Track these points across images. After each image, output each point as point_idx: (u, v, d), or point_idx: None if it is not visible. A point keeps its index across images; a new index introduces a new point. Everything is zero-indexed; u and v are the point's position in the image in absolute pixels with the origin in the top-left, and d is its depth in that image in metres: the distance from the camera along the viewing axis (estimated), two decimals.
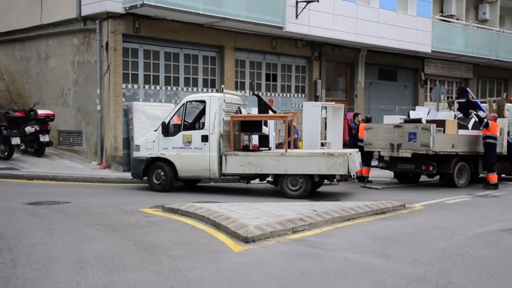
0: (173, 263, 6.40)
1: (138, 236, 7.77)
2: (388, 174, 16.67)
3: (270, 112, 13.82)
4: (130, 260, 6.49)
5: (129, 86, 16.38)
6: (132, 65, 16.43)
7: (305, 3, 18.14)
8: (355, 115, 17.12)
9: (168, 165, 12.88)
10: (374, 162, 16.03)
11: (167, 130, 12.88)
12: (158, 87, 16.94)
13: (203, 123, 12.91)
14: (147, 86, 16.73)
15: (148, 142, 13.14)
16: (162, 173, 12.92)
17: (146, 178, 13.21)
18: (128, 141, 15.94)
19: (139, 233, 7.96)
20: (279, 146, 15.11)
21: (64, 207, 10.09)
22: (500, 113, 16.58)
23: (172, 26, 16.60)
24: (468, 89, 19.95)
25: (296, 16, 18.24)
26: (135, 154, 13.45)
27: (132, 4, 15.15)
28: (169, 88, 17.17)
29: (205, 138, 12.63)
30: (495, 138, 14.85)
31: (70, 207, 10.05)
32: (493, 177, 14.74)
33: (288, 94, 20.32)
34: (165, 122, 12.92)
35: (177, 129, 12.95)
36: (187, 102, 13.19)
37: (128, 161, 15.21)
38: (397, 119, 16.12)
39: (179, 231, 8.15)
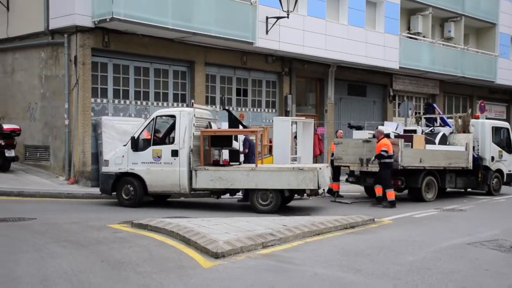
0: (141, 280, 6.31)
1: (106, 252, 7.63)
2: (358, 189, 16.83)
3: (241, 127, 13.83)
4: (96, 277, 6.37)
5: (98, 100, 16.19)
6: (101, 80, 16.26)
7: (275, 19, 18.31)
8: (336, 131, 17.27)
9: (138, 180, 12.74)
10: (343, 177, 16.18)
11: (137, 145, 12.77)
12: (127, 102, 16.79)
13: (173, 138, 12.84)
14: (116, 101, 16.57)
15: (117, 157, 12.99)
16: (131, 188, 12.77)
17: (115, 193, 13.03)
18: (96, 156, 15.71)
19: (106, 249, 7.82)
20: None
21: (30, 223, 9.86)
22: (466, 129, 16.98)
23: (142, 40, 16.53)
24: (435, 105, 20.39)
25: (266, 32, 18.39)
26: (104, 169, 13.27)
27: (101, 18, 15.04)
28: (139, 102, 17.04)
29: (175, 153, 12.55)
30: (383, 155, 13.77)
31: (35, 224, 9.82)
32: (391, 194, 13.82)
33: (258, 109, 20.39)
34: (134, 137, 12.80)
35: (147, 144, 12.84)
36: (157, 116, 13.10)
37: (97, 176, 14.98)
38: (366, 134, 16.32)
39: (148, 247, 8.05)
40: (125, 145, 13.03)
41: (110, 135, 15.42)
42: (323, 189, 13.54)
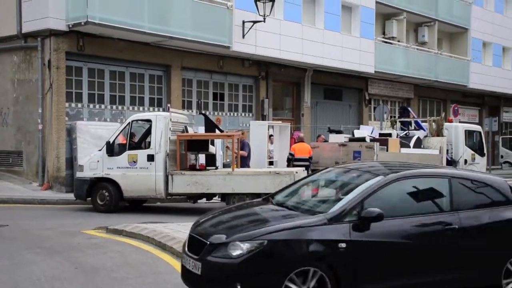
0: (116, 286, 6.24)
1: (80, 258, 7.53)
2: None
3: (217, 131, 13.81)
4: (70, 284, 6.28)
5: (73, 105, 15.99)
6: (76, 84, 16.07)
7: (252, 23, 18.35)
8: (318, 136, 17.28)
9: (113, 185, 12.60)
10: None
11: (112, 149, 12.64)
12: (103, 106, 16.62)
13: (149, 143, 12.75)
14: (91, 105, 16.39)
15: (92, 162, 12.84)
16: (106, 194, 12.62)
17: (90, 198, 12.87)
18: (71, 161, 15.51)
19: (81, 255, 7.71)
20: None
21: (1, 230, 9.67)
22: (440, 132, 17.23)
23: (117, 44, 16.38)
24: (409, 108, 20.67)
25: (243, 36, 18.41)
26: (79, 174, 13.10)
27: (76, 21, 14.86)
28: (114, 107, 16.88)
29: (151, 158, 12.46)
30: (289, 158, 15.27)
31: (7, 230, 9.64)
32: None
33: (235, 113, 20.38)
34: (109, 142, 12.68)
35: (122, 148, 12.72)
36: (132, 121, 13.00)
37: (71, 181, 14.77)
38: (342, 137, 16.43)
39: (123, 252, 7.96)
40: (100, 150, 12.89)
41: (85, 140, 15.23)
42: None
